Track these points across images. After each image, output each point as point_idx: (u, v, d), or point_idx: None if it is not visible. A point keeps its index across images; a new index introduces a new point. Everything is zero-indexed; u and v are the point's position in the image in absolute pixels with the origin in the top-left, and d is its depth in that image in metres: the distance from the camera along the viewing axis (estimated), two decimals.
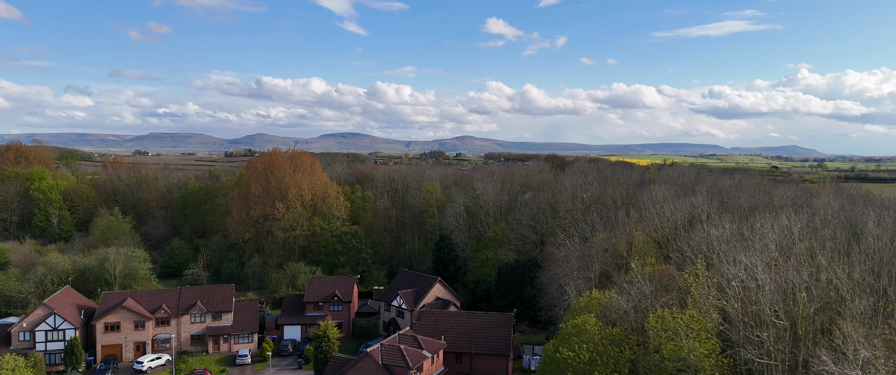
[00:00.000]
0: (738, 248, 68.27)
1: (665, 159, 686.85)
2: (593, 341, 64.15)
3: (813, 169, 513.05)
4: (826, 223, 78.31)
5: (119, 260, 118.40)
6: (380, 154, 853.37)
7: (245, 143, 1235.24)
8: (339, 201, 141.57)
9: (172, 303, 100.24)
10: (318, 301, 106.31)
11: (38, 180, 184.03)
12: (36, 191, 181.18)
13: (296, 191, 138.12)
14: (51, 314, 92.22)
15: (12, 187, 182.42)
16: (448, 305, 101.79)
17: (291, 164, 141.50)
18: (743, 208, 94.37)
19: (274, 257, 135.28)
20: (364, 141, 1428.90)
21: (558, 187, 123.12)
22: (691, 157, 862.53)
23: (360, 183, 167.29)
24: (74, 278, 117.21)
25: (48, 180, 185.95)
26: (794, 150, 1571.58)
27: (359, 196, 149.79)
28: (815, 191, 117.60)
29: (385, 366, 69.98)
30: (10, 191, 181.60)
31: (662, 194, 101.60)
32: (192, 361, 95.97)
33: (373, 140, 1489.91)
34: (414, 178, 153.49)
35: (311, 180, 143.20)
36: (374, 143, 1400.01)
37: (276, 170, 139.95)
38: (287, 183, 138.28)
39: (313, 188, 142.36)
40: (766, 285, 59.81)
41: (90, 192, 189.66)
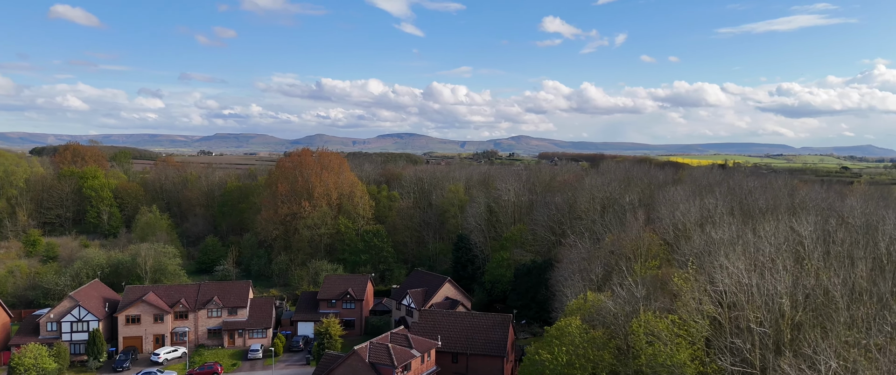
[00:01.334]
0: (728, 251, 65.67)
1: (726, 159, 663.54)
2: (574, 343, 63.03)
3: (887, 169, 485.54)
4: (841, 226, 74.28)
5: (149, 256, 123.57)
6: (434, 154, 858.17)
7: (305, 143, 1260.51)
8: (364, 201, 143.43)
9: (191, 298, 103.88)
10: (332, 299, 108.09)
11: (91, 178, 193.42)
12: (89, 189, 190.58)
13: (322, 190, 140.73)
14: (76, 306, 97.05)
15: (67, 185, 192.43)
16: (456, 305, 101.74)
17: (318, 163, 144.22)
18: (759, 209, 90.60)
19: (300, 254, 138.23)
20: (419, 141, 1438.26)
21: (578, 187, 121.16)
22: (756, 157, 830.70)
23: (389, 183, 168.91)
24: (108, 272, 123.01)
25: (100, 179, 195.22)
26: (869, 149, 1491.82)
27: (385, 196, 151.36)
28: (848, 193, 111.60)
29: (371, 364, 70.65)
30: (65, 189, 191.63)
31: (679, 195, 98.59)
32: (206, 354, 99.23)
33: (428, 140, 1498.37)
34: (439, 178, 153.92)
35: (338, 179, 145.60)
36: (430, 143, 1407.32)
37: (304, 169, 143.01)
38: (313, 182, 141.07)
39: (339, 188, 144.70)
40: (750, 290, 57.37)
41: (138, 190, 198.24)
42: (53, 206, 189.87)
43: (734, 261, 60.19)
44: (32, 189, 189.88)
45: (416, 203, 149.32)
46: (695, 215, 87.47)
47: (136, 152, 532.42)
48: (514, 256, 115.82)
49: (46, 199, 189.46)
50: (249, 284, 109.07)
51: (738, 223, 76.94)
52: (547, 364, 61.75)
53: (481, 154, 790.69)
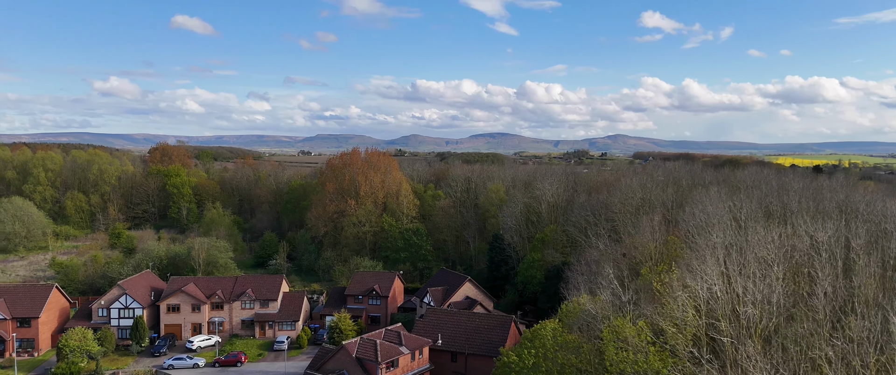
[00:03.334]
0: (721, 256, 61.94)
1: (841, 159, 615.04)
2: (545, 347, 61.76)
3: None
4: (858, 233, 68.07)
5: (202, 249, 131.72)
6: (524, 154, 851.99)
7: (400, 143, 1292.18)
8: (409, 199, 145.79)
9: (227, 290, 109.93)
10: (359, 294, 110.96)
11: (173, 176, 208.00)
12: (171, 186, 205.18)
13: (367, 188, 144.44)
14: (123, 295, 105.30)
15: (153, 182, 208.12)
16: (475, 304, 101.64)
17: (365, 163, 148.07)
18: (791, 212, 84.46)
19: (346, 250, 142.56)
20: (512, 141, 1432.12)
21: (614, 187, 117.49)
22: (878, 157, 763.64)
23: (438, 182, 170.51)
24: (165, 263, 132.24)
25: (182, 177, 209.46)
26: None
27: (430, 195, 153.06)
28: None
29: (357, 359, 72.33)
30: (151, 186, 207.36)
31: (709, 196, 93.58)
32: (238, 344, 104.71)
33: (521, 140, 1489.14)
34: (485, 178, 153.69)
35: (385, 178, 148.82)
36: (522, 143, 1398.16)
37: (351, 169, 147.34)
38: (360, 181, 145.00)
39: (386, 187, 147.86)
40: (716, 297, 54.08)
41: (215, 187, 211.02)
42: (140, 202, 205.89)
43: (707, 267, 56.86)
44: (123, 186, 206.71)
45: (462, 203, 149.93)
46: (718, 217, 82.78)
47: (241, 152, 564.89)
48: (546, 257, 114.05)
49: (134, 195, 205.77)
50: (282, 278, 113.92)
51: (747, 227, 72.26)
52: (513, 367, 60.95)
53: (572, 154, 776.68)
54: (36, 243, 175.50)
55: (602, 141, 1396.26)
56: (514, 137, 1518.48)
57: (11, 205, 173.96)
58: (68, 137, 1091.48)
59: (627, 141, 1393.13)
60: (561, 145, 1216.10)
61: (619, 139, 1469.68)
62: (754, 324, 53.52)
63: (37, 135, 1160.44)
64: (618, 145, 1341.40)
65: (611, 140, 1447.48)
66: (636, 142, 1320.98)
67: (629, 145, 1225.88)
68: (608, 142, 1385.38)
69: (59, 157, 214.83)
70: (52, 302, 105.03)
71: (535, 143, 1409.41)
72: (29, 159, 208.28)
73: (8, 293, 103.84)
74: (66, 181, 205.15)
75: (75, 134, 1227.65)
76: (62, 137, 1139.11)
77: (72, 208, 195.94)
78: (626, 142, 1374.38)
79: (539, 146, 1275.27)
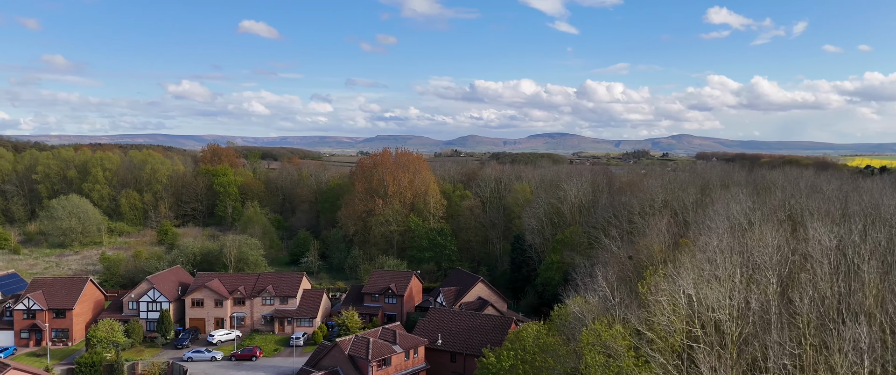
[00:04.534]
0: (714, 260, 59.49)
1: None
2: (524, 349, 60.94)
3: None
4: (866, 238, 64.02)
5: (234, 246, 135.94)
6: (582, 154, 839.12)
7: (458, 144, 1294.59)
8: (436, 199, 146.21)
9: (249, 286, 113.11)
10: (375, 293, 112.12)
11: (221, 175, 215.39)
12: (218, 185, 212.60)
13: (395, 188, 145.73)
14: (151, 289, 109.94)
15: (202, 181, 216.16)
16: (486, 305, 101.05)
17: (394, 163, 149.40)
18: (809, 214, 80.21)
19: (374, 249, 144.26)
20: (571, 141, 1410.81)
21: (637, 188, 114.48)
22: None
23: (469, 182, 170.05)
24: (199, 259, 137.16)
25: (229, 176, 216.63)
26: None
27: (458, 195, 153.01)
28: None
29: (349, 357, 73.18)
30: (199, 185, 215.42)
31: (724, 197, 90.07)
32: (257, 339, 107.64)
33: (581, 140, 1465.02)
34: (515, 178, 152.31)
35: (414, 178, 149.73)
36: (582, 143, 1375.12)
37: (380, 169, 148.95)
38: (388, 181, 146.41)
39: (414, 187, 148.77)
40: (692, 302, 51.96)
41: (260, 187, 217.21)
42: (190, 200, 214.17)
43: (681, 271, 54.78)
44: (173, 185, 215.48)
45: (490, 203, 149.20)
46: (718, 220, 79.61)
47: (301, 152, 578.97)
48: (565, 259, 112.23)
49: (184, 193, 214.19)
50: (303, 276, 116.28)
51: (751, 230, 69.09)
52: (490, 368, 60.40)
53: (631, 154, 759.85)
54: (91, 238, 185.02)
55: (665, 141, 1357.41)
56: (573, 138, 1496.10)
57: (69, 202, 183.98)
58: (144, 139, 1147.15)
59: (692, 141, 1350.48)
60: (622, 146, 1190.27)
61: (683, 139, 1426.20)
62: (730, 332, 51.22)
63: (115, 136, 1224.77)
64: (682, 145, 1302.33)
65: (675, 140, 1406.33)
66: (701, 142, 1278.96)
67: (694, 145, 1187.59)
68: (672, 142, 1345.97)
69: (117, 157, 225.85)
70: (86, 295, 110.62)
71: (596, 143, 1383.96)
72: (89, 158, 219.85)
73: (46, 286, 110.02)
74: (122, 180, 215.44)
75: (150, 135, 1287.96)
76: (138, 138, 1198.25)
77: (126, 205, 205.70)
78: (690, 142, 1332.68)
79: (599, 147, 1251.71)
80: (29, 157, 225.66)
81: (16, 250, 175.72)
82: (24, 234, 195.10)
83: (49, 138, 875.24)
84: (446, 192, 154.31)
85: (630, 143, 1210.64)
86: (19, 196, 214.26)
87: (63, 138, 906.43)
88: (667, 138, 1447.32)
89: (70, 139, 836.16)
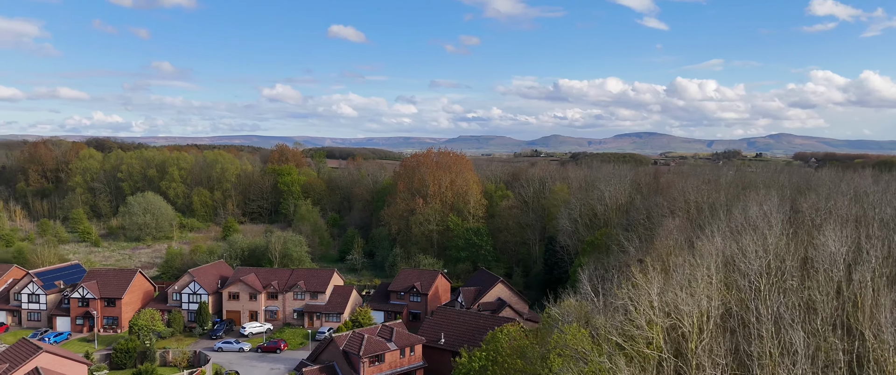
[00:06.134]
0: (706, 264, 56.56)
1: None
2: (497, 350, 60.17)
3: None
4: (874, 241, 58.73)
5: (278, 243, 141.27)
6: (670, 154, 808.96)
7: (541, 144, 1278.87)
8: (476, 199, 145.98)
9: (282, 281, 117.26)
10: (401, 291, 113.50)
11: (285, 175, 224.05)
12: (282, 184, 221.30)
13: (435, 188, 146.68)
14: (192, 281, 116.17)
15: (268, 180, 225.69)
16: (504, 306, 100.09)
17: (435, 163, 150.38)
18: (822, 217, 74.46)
19: (415, 248, 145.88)
20: (660, 141, 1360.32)
21: (669, 189, 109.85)
22: None
23: (513, 182, 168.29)
24: (247, 255, 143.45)
25: (293, 175, 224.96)
26: None
27: (499, 195, 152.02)
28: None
29: (343, 352, 74.67)
30: (265, 184, 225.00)
31: (747, 199, 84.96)
32: (287, 332, 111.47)
33: (670, 140, 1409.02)
34: (559, 178, 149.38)
35: (455, 178, 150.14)
36: (671, 142, 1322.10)
37: (421, 168, 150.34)
38: (428, 180, 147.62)
39: (455, 186, 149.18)
40: (662, 308, 49.59)
41: (322, 186, 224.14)
42: (256, 198, 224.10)
43: (653, 277, 52.39)
44: (241, 183, 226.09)
45: (531, 203, 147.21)
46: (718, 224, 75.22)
47: (382, 153, 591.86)
48: (592, 260, 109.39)
49: (251, 192, 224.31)
50: (334, 272, 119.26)
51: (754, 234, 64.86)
52: (461, 368, 60.07)
53: (721, 154, 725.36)
54: (163, 233, 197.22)
55: (762, 141, 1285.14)
56: (662, 137, 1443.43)
57: (144, 199, 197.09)
58: (240, 140, 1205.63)
59: (793, 140, 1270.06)
60: (715, 145, 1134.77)
61: (783, 138, 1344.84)
62: (692, 338, 48.57)
63: (215, 137, 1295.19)
64: (781, 144, 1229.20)
65: (773, 140, 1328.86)
66: (803, 141, 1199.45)
67: (795, 145, 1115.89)
68: (770, 141, 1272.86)
69: (191, 157, 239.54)
70: (135, 285, 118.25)
71: (686, 143, 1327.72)
72: (166, 158, 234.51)
73: (100, 276, 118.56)
74: (196, 178, 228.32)
75: (246, 137, 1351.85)
76: (235, 139, 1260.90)
77: (198, 202, 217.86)
78: (791, 141, 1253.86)
79: (690, 146, 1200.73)
80: (115, 157, 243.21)
81: (96, 242, 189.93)
82: (108, 228, 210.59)
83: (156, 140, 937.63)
84: (488, 192, 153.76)
85: (723, 142, 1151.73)
86: (106, 193, 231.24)
87: (169, 140, 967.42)
88: (764, 138, 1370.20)
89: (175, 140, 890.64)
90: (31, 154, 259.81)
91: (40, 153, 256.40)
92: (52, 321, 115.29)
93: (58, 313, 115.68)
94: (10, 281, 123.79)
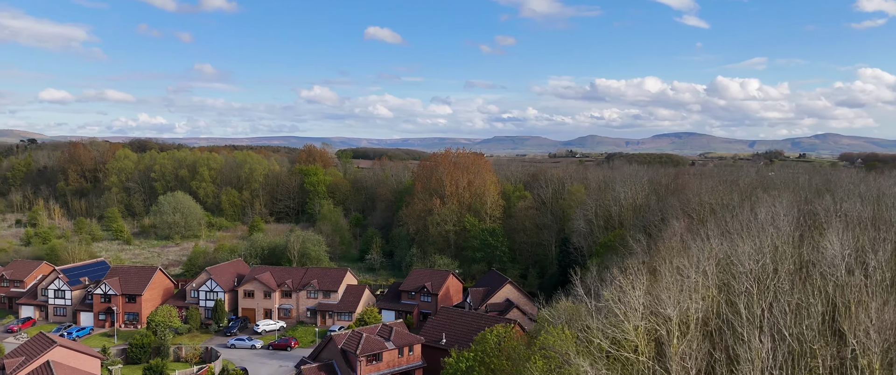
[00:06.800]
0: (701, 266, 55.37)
1: None
2: (484, 351, 59.87)
3: None
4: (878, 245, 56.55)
5: (296, 242, 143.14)
6: (709, 155, 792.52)
7: (577, 144, 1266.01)
8: (493, 200, 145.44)
9: (296, 280, 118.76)
10: (412, 291, 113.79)
11: (311, 175, 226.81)
12: (308, 184, 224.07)
13: (452, 189, 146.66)
14: (209, 279, 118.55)
15: (295, 180, 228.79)
16: (512, 307, 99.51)
17: (452, 164, 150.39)
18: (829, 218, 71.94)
19: (432, 248, 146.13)
20: (700, 141, 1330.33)
21: (684, 190, 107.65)
22: None
23: (531, 182, 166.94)
24: (266, 254, 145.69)
25: (319, 176, 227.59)
26: None
27: (517, 195, 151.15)
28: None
29: (341, 350, 75.24)
30: (292, 184, 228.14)
31: (750, 200, 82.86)
32: (299, 330, 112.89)
33: (711, 140, 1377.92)
34: (578, 179, 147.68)
35: (473, 179, 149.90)
36: (712, 142, 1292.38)
37: (439, 169, 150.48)
38: (445, 181, 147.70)
39: (473, 187, 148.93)
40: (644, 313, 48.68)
41: (347, 186, 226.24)
42: (282, 198, 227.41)
43: (638, 281, 51.43)
44: (269, 183, 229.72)
45: (548, 204, 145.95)
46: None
47: (416, 153, 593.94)
48: (604, 262, 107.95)
49: (278, 192, 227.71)
50: (347, 271, 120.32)
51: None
52: (448, 369, 59.96)
53: (762, 155, 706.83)
54: (192, 232, 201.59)
55: (808, 141, 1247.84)
56: (702, 137, 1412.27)
57: (173, 198, 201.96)
58: (279, 141, 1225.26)
59: (840, 141, 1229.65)
60: (757, 146, 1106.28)
61: (829, 139, 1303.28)
62: (670, 342, 47.52)
63: (255, 138, 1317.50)
64: (827, 144, 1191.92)
65: (819, 140, 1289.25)
66: (851, 141, 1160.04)
67: (841, 145, 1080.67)
68: (815, 142, 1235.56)
69: (221, 158, 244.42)
70: (155, 282, 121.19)
71: (727, 143, 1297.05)
72: (197, 158, 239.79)
73: (122, 273, 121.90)
74: (225, 178, 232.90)
75: (284, 138, 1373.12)
76: (274, 140, 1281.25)
77: (226, 202, 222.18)
78: (837, 142, 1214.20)
79: (731, 147, 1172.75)
80: (148, 157, 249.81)
81: (128, 240, 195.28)
82: (141, 227, 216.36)
83: (198, 140, 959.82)
84: (506, 192, 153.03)
85: (766, 143, 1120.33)
86: (139, 193, 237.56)
87: (210, 140, 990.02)
88: (809, 138, 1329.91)
89: (216, 141, 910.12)
90: (70, 155, 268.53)
91: (79, 154, 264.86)
92: (76, 317, 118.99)
93: (82, 308, 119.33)
94: (39, 277, 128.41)
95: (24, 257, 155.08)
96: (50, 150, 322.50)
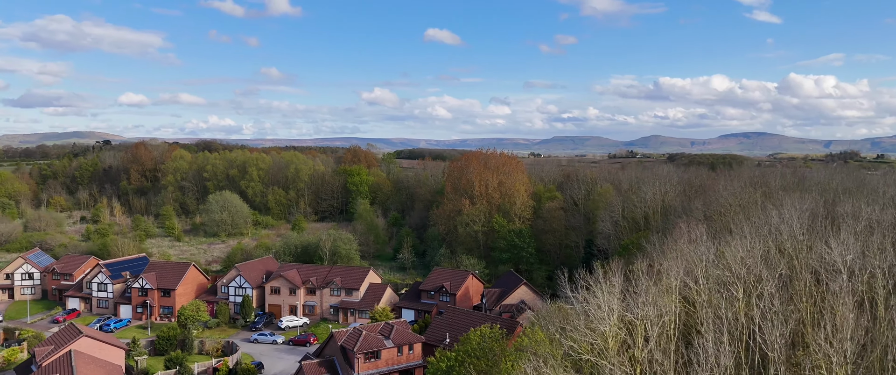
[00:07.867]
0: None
1: None
2: (466, 351, 59.72)
3: None
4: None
5: (328, 241, 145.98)
6: (779, 155, 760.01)
7: (640, 144, 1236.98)
8: (522, 200, 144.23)
9: (320, 277, 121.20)
10: (431, 290, 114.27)
11: (354, 175, 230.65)
12: (351, 184, 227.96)
13: (481, 189, 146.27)
14: (238, 275, 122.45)
15: (338, 180, 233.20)
16: (524, 308, 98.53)
17: (482, 164, 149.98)
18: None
19: (461, 248, 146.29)
20: (771, 141, 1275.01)
21: (709, 191, 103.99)
22: None
23: (564, 183, 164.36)
24: (300, 252, 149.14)
25: (362, 176, 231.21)
26: None
27: (548, 197, 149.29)
28: None
29: (341, 347, 76.46)
30: (336, 184, 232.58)
31: (762, 202, 79.33)
32: (321, 327, 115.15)
33: (782, 140, 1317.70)
34: (613, 180, 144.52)
35: (503, 179, 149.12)
36: (784, 142, 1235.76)
37: (469, 170, 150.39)
38: (474, 181, 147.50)
39: (502, 188, 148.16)
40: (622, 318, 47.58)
41: (389, 186, 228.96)
42: (327, 197, 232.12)
43: (610, 282, 50.31)
44: (314, 183, 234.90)
45: (579, 205, 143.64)
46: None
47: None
48: (614, 264, 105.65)
49: (323, 191, 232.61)
50: (369, 270, 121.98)
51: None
52: (430, 368, 60.11)
53: (836, 155, 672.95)
54: (239, 230, 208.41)
55: (889, 141, 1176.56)
56: (773, 138, 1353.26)
57: (221, 197, 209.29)
58: (341, 142, 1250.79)
59: None
60: (833, 146, 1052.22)
61: None
62: (636, 346, 46.24)
63: (318, 139, 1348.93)
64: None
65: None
66: None
67: None
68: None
69: (269, 158, 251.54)
70: (188, 277, 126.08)
71: (801, 143, 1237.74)
72: (247, 159, 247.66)
73: (159, 269, 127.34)
74: (272, 178, 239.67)
75: (346, 139, 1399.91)
76: (336, 141, 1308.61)
77: (272, 201, 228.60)
78: None
79: (804, 147, 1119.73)
80: (202, 158, 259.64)
81: (178, 237, 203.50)
82: (192, 224, 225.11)
83: (264, 142, 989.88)
84: (538, 193, 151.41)
85: (843, 143, 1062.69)
86: (193, 191, 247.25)
87: (276, 141, 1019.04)
88: (891, 137, 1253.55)
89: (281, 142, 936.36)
90: (133, 155, 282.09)
91: (140, 154, 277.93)
92: (116, 309, 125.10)
93: (122, 301, 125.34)
94: (87, 271, 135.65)
95: (80, 252, 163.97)
96: (117, 151, 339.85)
